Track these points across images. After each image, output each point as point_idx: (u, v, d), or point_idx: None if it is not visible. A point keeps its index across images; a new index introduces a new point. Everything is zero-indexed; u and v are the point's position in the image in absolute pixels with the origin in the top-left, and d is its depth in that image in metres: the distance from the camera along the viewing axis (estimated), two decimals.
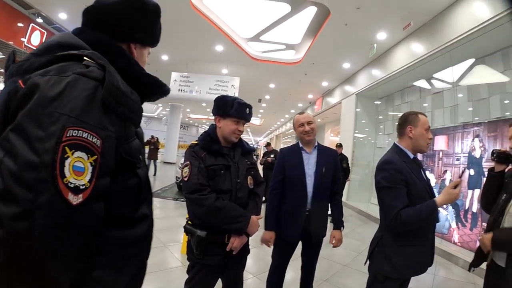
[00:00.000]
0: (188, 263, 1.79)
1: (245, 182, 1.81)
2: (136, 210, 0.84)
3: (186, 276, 1.77)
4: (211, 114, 1.89)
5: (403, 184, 1.65)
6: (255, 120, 25.59)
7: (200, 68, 9.94)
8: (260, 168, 8.73)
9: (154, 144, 11.60)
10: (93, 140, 0.64)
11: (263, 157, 8.46)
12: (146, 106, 22.69)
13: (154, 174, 11.39)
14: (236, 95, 9.20)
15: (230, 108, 1.75)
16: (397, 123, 1.89)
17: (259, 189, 1.92)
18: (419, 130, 1.75)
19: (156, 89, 0.90)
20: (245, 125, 1.90)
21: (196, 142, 1.80)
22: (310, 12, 6.25)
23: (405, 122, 1.81)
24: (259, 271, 3.38)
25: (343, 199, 8.69)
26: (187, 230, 1.70)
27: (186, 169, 1.68)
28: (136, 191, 0.83)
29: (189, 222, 1.73)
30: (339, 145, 7.14)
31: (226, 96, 1.84)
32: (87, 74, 0.68)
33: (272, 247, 2.23)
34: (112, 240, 0.77)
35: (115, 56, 0.80)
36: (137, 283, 0.88)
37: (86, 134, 0.63)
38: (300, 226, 2.15)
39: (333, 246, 2.28)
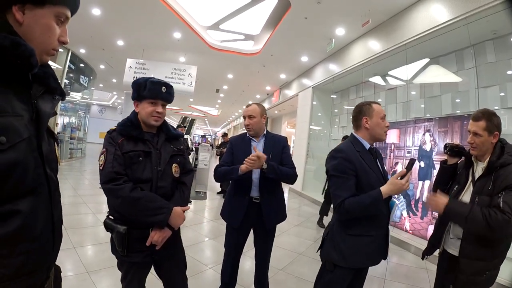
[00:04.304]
0: None
1: (168, 170, 1.64)
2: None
3: None
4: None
5: (352, 173, 1.64)
6: (212, 111, 25.20)
7: (156, 55, 9.57)
8: (217, 159, 8.59)
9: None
10: None
11: (219, 147, 8.30)
12: (101, 94, 21.30)
13: None
14: (193, 84, 9.02)
15: (144, 89, 1.59)
16: (351, 115, 1.88)
17: (186, 178, 1.76)
18: (375, 119, 1.75)
19: (9, 52, 0.71)
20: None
21: (114, 127, 1.63)
22: (270, 3, 6.16)
23: (360, 113, 1.80)
24: (216, 263, 3.32)
25: (299, 189, 8.83)
26: (107, 226, 1.53)
27: (102, 157, 1.51)
28: None
29: (110, 216, 1.56)
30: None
31: (139, 78, 1.67)
32: None
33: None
34: None
35: None
36: None
37: None
38: (243, 211, 2.18)
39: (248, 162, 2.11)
